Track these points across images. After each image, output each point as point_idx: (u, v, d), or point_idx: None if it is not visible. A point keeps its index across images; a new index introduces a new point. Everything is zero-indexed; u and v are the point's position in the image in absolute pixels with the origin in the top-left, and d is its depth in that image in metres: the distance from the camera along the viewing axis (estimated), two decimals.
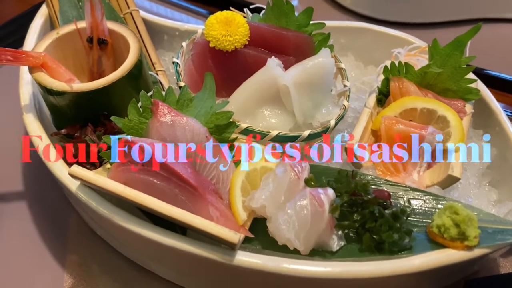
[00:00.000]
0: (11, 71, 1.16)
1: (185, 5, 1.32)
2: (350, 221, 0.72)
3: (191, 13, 1.31)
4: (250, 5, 0.99)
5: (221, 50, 0.85)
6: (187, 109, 0.77)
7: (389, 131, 0.82)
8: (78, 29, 0.84)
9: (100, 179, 0.66)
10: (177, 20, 1.18)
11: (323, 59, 0.85)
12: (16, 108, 1.04)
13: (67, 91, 0.75)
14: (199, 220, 0.64)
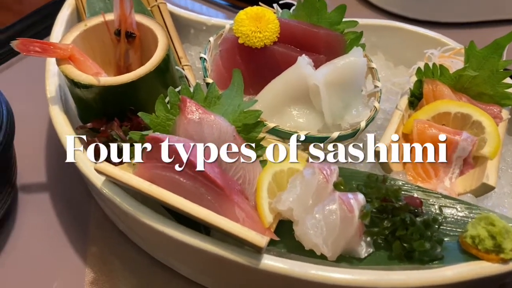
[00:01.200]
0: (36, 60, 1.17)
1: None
2: (380, 228, 0.69)
3: (218, 6, 1.29)
4: (279, 0, 0.97)
5: (250, 46, 0.83)
6: (215, 106, 0.75)
7: (422, 135, 0.80)
8: (106, 22, 0.83)
9: (126, 175, 0.65)
10: (203, 13, 1.17)
11: (355, 59, 0.82)
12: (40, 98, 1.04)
13: (94, 84, 0.73)
14: (225, 222, 0.63)
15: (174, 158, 0.67)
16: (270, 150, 0.74)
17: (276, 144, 0.76)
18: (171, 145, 0.67)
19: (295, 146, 0.74)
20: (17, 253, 0.82)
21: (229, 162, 0.71)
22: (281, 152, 0.76)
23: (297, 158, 0.75)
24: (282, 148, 0.76)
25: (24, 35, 1.22)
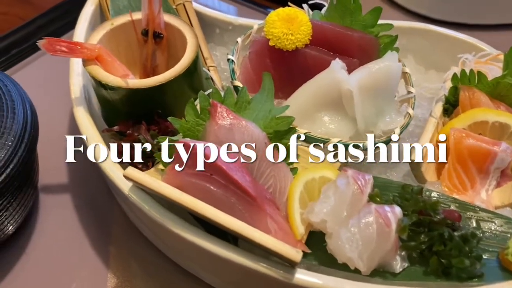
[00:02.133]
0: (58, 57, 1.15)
1: None
2: (417, 242, 0.67)
3: (243, 6, 1.25)
4: (309, 0, 0.94)
5: (281, 49, 0.80)
6: (245, 111, 0.73)
7: (458, 145, 0.77)
8: (133, 21, 0.81)
9: (156, 183, 0.63)
10: (228, 12, 1.14)
11: (390, 63, 0.79)
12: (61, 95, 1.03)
13: (122, 87, 0.71)
14: (259, 235, 0.60)
15: (205, 166, 0.65)
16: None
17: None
18: (202, 152, 0.65)
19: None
20: (39, 254, 0.81)
21: (260, 170, 0.69)
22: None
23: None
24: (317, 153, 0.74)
25: (44, 31, 1.21)
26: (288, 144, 0.72)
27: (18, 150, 0.71)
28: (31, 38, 1.17)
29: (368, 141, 0.75)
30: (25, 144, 0.72)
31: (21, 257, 0.80)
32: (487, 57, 0.89)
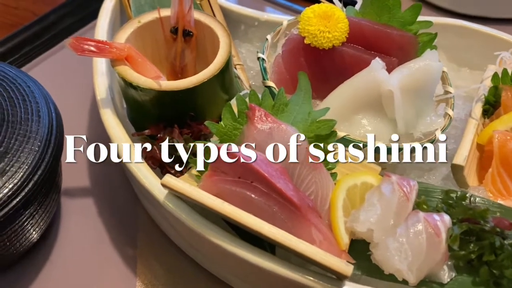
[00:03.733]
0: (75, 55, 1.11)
1: None
2: (466, 251, 0.64)
3: (267, 1, 1.21)
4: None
5: (317, 47, 0.76)
6: (282, 114, 0.69)
7: (503, 148, 0.74)
8: (161, 18, 0.77)
9: (195, 192, 0.60)
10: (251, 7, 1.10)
11: (430, 63, 0.76)
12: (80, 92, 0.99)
13: (155, 88, 0.68)
14: (306, 247, 0.57)
15: (246, 173, 0.62)
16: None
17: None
18: (242, 158, 0.62)
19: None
20: (64, 261, 0.77)
21: (301, 177, 0.66)
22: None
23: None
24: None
25: (58, 26, 1.17)
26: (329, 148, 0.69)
27: (45, 156, 0.68)
28: (45, 34, 1.13)
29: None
30: (51, 149, 0.69)
31: (46, 264, 0.77)
32: None
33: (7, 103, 0.71)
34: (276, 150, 0.64)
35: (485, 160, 0.77)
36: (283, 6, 1.17)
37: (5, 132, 0.68)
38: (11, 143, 0.67)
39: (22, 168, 0.65)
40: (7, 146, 0.66)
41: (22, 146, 0.67)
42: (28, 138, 0.68)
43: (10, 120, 0.69)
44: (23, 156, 0.66)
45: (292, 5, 1.17)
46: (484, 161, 0.77)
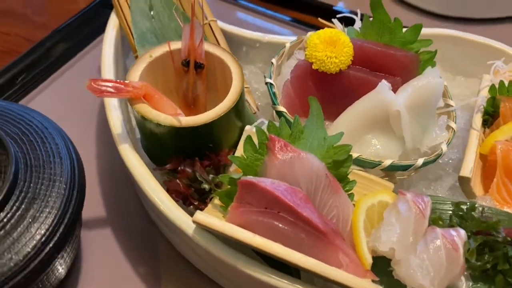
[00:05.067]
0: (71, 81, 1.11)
1: (259, 9, 1.24)
2: (482, 262, 0.68)
3: (267, 17, 1.23)
4: (336, 14, 0.93)
5: (324, 72, 0.79)
6: (299, 141, 0.72)
7: (506, 158, 0.78)
8: (171, 51, 0.78)
9: (227, 227, 0.62)
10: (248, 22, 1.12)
11: (433, 80, 0.80)
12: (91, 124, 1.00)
13: (175, 125, 0.70)
14: (338, 274, 0.61)
15: (273, 203, 0.64)
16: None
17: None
18: (267, 189, 0.64)
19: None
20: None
21: (323, 202, 0.69)
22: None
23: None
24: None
25: (54, 53, 1.17)
26: (346, 172, 0.72)
27: (72, 198, 0.69)
28: (42, 62, 1.13)
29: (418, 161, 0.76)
30: (76, 191, 0.70)
31: None
32: None
33: (27, 147, 0.72)
34: (298, 179, 0.67)
35: (488, 169, 0.81)
36: (286, 22, 1.20)
37: (30, 177, 0.69)
38: (37, 188, 0.68)
39: (52, 213, 0.66)
40: (34, 191, 0.67)
41: (49, 191, 0.68)
42: (53, 182, 0.69)
43: (33, 164, 0.70)
44: (51, 201, 0.67)
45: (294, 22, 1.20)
46: (488, 170, 0.81)
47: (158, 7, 0.96)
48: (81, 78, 1.08)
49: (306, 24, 1.17)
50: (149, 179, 0.72)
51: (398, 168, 0.77)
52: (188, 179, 0.72)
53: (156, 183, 0.72)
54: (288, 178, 0.67)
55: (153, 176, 0.73)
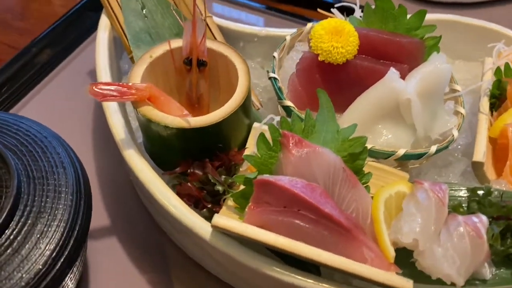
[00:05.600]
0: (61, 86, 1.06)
1: (252, 5, 1.22)
2: (504, 247, 0.67)
3: (262, 13, 1.21)
4: (329, 6, 0.90)
5: (331, 63, 0.77)
6: (312, 136, 0.70)
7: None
8: (172, 50, 0.75)
9: (249, 229, 0.60)
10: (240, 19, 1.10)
11: (440, 66, 0.78)
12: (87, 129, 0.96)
13: (184, 127, 0.67)
14: (365, 270, 0.59)
15: (292, 202, 0.62)
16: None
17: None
18: (287, 188, 0.62)
19: None
20: None
21: (341, 196, 0.67)
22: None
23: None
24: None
25: (41, 59, 1.12)
26: (362, 164, 0.70)
27: (79, 209, 0.66)
28: (29, 69, 1.09)
29: (432, 149, 0.75)
30: (83, 201, 0.67)
31: None
32: None
33: (27, 158, 0.68)
34: (315, 175, 0.65)
35: (499, 152, 0.81)
36: (283, 17, 1.17)
37: (34, 190, 0.65)
38: (42, 200, 0.64)
39: (61, 226, 0.63)
40: (39, 204, 0.64)
41: (55, 203, 0.64)
42: (59, 193, 0.65)
43: (36, 176, 0.66)
44: (58, 213, 0.64)
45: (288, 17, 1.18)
46: (498, 153, 0.81)
47: (150, 6, 0.93)
48: (72, 83, 1.06)
49: (300, 17, 1.15)
50: (159, 185, 0.69)
51: (412, 157, 0.75)
52: (200, 182, 0.70)
53: (167, 188, 0.69)
54: (305, 174, 0.65)
55: (163, 181, 0.70)
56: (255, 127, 0.75)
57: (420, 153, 0.75)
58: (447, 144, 0.77)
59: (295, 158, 0.65)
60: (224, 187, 0.68)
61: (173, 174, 0.70)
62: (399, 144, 0.77)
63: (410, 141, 0.77)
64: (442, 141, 0.78)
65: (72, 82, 1.06)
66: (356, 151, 0.69)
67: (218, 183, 0.68)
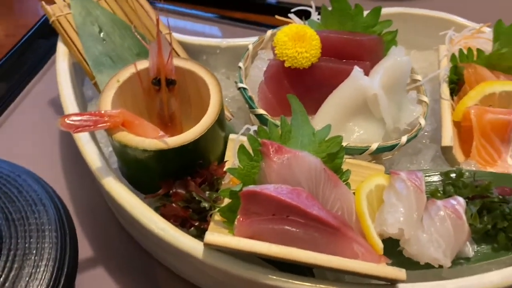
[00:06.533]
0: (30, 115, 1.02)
1: (208, 16, 1.22)
2: (483, 224, 0.71)
3: (220, 24, 1.21)
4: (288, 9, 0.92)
5: (297, 68, 0.79)
6: (290, 141, 0.71)
7: (480, 122, 0.81)
8: (139, 72, 0.75)
9: (242, 242, 0.61)
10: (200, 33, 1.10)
11: (400, 58, 0.82)
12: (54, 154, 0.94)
13: (163, 148, 0.66)
14: (360, 266, 0.61)
15: (280, 208, 0.63)
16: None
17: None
18: (274, 196, 0.63)
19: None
20: None
21: (325, 197, 0.68)
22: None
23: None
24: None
25: None
26: (340, 163, 0.72)
27: (66, 245, 0.64)
28: None
29: (402, 139, 0.78)
30: (69, 236, 0.65)
31: None
32: (471, 31, 0.94)
33: (3, 200, 0.66)
34: (298, 179, 0.66)
35: (464, 134, 0.85)
36: (240, 26, 1.18)
37: (15, 232, 0.63)
38: (26, 242, 0.62)
39: (49, 266, 0.61)
40: (23, 246, 0.62)
41: (40, 243, 0.63)
42: (43, 232, 0.64)
43: (15, 218, 0.64)
44: (45, 253, 0.62)
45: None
46: (464, 136, 0.85)
47: (107, 28, 0.92)
48: (34, 114, 1.03)
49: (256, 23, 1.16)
50: (143, 209, 0.68)
51: (385, 149, 0.78)
52: (184, 201, 0.69)
53: (152, 212, 0.68)
54: (289, 179, 0.66)
55: (146, 206, 0.69)
56: (231, 138, 0.76)
57: (393, 145, 0.78)
58: (416, 133, 0.80)
59: (277, 165, 0.66)
60: (210, 203, 0.68)
61: (156, 196, 0.69)
62: (371, 139, 0.79)
63: (381, 135, 0.80)
64: (410, 131, 0.82)
65: (34, 113, 1.03)
66: (333, 151, 0.70)
67: (204, 200, 0.68)
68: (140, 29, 0.94)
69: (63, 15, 0.93)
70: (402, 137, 0.79)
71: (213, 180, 0.71)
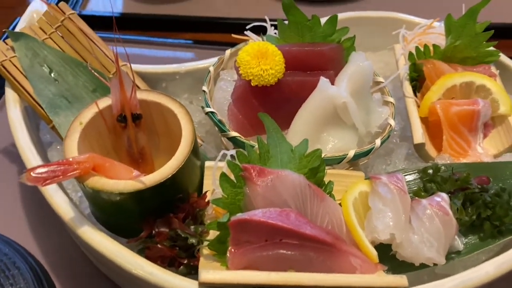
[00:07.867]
0: None
1: (164, 41, 1.19)
2: (468, 216, 0.71)
3: (170, 46, 1.18)
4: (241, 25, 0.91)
5: (264, 85, 0.78)
6: (269, 161, 0.70)
7: (447, 115, 0.83)
8: (101, 111, 0.71)
9: (239, 275, 0.58)
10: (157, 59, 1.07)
11: (362, 64, 0.82)
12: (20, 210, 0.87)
13: (140, 188, 0.63)
14: (362, 279, 0.60)
15: (272, 233, 0.61)
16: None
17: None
18: (263, 221, 0.61)
19: None
20: None
21: (314, 213, 0.67)
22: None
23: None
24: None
25: None
26: (323, 176, 0.71)
27: None
28: None
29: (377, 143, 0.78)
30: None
31: None
32: (422, 28, 0.96)
33: None
34: (285, 199, 0.65)
35: (433, 129, 0.86)
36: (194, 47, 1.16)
37: None
38: None
39: None
40: None
41: None
42: None
43: None
44: None
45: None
46: (432, 130, 0.86)
47: (58, 68, 0.87)
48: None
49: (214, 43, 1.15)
50: (127, 255, 0.64)
51: (362, 155, 0.78)
52: (169, 239, 0.66)
53: (136, 257, 0.64)
54: (275, 201, 0.65)
55: (129, 250, 0.65)
56: (208, 166, 0.73)
57: (368, 150, 0.78)
58: (388, 134, 0.81)
59: (262, 188, 0.64)
60: (197, 238, 0.65)
61: (139, 239, 0.66)
62: (347, 146, 0.79)
63: (355, 141, 0.80)
64: (382, 133, 0.82)
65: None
66: (315, 165, 0.69)
67: (190, 236, 0.65)
68: (93, 63, 0.89)
69: (7, 59, 0.87)
70: (376, 140, 0.79)
71: (196, 213, 0.69)
